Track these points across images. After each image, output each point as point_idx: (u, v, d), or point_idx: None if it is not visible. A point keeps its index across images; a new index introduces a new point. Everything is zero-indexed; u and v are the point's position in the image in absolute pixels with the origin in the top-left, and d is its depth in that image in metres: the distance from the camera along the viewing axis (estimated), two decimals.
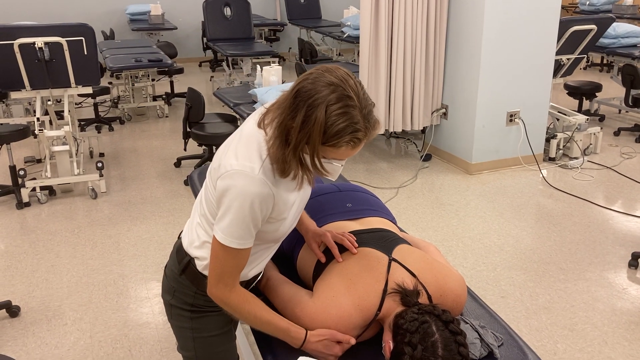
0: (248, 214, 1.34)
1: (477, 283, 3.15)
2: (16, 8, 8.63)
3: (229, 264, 1.42)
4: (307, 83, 1.28)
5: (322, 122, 1.24)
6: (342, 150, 1.29)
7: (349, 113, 1.25)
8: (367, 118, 1.28)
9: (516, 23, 4.47)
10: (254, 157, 1.35)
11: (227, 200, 1.35)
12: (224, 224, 1.37)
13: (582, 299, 3.00)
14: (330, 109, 1.24)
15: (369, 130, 1.29)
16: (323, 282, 1.60)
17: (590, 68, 9.01)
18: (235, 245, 1.39)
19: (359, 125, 1.26)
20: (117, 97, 6.98)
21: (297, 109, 1.27)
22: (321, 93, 1.25)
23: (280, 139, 1.31)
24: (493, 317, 1.70)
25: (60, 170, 4.32)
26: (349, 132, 1.26)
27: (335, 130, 1.25)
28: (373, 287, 1.52)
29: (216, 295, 1.46)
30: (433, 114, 4.93)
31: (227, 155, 1.38)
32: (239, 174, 1.33)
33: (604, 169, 4.83)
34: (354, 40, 7.22)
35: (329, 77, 1.27)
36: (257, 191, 1.33)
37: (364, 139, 1.29)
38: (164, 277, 1.64)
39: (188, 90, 4.50)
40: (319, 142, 1.26)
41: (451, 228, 3.80)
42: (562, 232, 3.74)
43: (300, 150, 1.30)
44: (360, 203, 1.92)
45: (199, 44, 9.54)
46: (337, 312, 1.50)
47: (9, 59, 4.07)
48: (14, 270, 3.33)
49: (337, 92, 1.25)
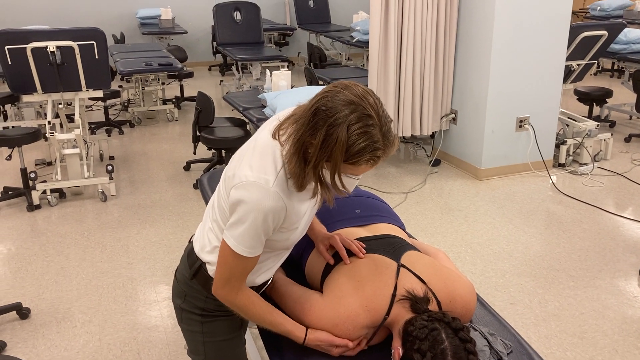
0: (260, 225, 1.36)
1: (485, 289, 3.14)
2: (28, 12, 8.71)
3: (238, 270, 1.43)
4: (326, 101, 1.27)
5: (344, 142, 1.24)
6: (362, 168, 1.30)
7: (370, 132, 1.25)
8: (387, 136, 1.29)
9: (526, 28, 4.47)
10: (269, 169, 1.35)
11: (241, 210, 1.35)
12: (237, 232, 1.38)
13: (592, 307, 2.98)
14: (351, 128, 1.24)
15: (387, 148, 1.30)
16: (331, 282, 1.61)
17: (601, 74, 8.97)
18: (246, 253, 1.40)
19: (379, 144, 1.27)
20: (128, 100, 7.02)
21: (316, 126, 1.27)
22: (342, 112, 1.24)
23: (298, 156, 1.32)
24: (502, 325, 1.69)
25: (71, 173, 4.35)
26: (370, 151, 1.26)
27: (357, 149, 1.25)
28: (382, 291, 1.53)
29: (222, 296, 1.48)
30: (442, 119, 4.93)
31: (242, 165, 1.38)
32: (253, 186, 1.33)
33: (615, 176, 4.80)
34: (363, 45, 7.23)
35: (349, 96, 1.26)
36: (272, 205, 1.33)
37: (383, 157, 1.30)
38: (174, 281, 1.65)
39: (198, 94, 4.52)
40: (341, 160, 1.26)
41: (460, 234, 3.79)
42: (572, 238, 3.72)
43: (321, 168, 1.31)
44: (369, 209, 1.92)
45: (209, 48, 9.58)
46: (345, 311, 1.51)
47: (21, 62, 4.11)
48: (24, 272, 3.35)
49: (357, 111, 1.25)
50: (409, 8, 4.46)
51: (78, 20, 8.89)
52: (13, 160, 5.24)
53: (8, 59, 4.08)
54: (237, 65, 7.11)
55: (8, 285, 3.21)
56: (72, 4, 8.89)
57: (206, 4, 9.47)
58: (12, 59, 4.09)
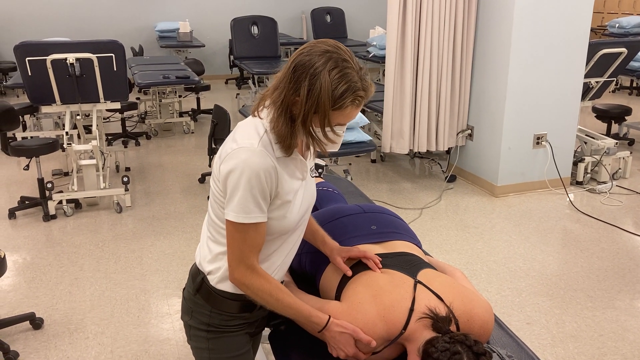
0: (255, 185, 1.37)
1: (501, 308, 3.09)
2: (49, 25, 8.86)
3: (247, 243, 1.43)
4: (302, 56, 1.35)
5: (329, 87, 1.31)
6: (348, 111, 1.36)
7: (349, 74, 1.33)
8: (364, 78, 1.37)
9: (545, 45, 4.44)
10: (252, 135, 1.40)
11: (233, 178, 1.38)
12: (234, 202, 1.39)
13: (611, 329, 2.91)
14: (331, 73, 1.32)
15: (367, 90, 1.37)
16: (349, 291, 1.59)
17: (620, 91, 8.89)
18: (248, 220, 1.40)
19: (358, 85, 1.35)
20: (145, 112, 7.08)
21: (298, 81, 1.34)
22: (320, 61, 1.32)
23: (285, 116, 1.37)
24: (520, 346, 1.66)
25: (87, 184, 4.37)
26: (352, 92, 1.34)
27: (340, 92, 1.32)
28: (399, 303, 1.50)
29: (238, 278, 1.46)
30: (458, 134, 4.90)
31: (226, 143, 1.44)
32: (240, 151, 1.37)
33: (634, 194, 4.73)
34: (380, 60, 7.23)
35: (323, 46, 1.35)
36: (261, 162, 1.37)
37: (365, 97, 1.37)
38: (182, 299, 1.64)
39: (214, 107, 4.54)
40: (329, 107, 1.33)
41: (476, 251, 3.75)
42: (590, 258, 3.65)
43: (309, 123, 1.35)
44: (385, 225, 1.89)
45: (226, 61, 9.66)
46: (363, 318, 1.49)
47: (41, 74, 4.16)
48: (38, 282, 3.36)
49: (333, 58, 1.33)
50: (426, 24, 4.45)
51: (97, 33, 9.02)
52: (30, 170, 5.29)
53: (28, 71, 4.13)
54: (254, 79, 7.15)
55: (22, 294, 3.23)
56: (92, 16, 9.02)
57: (224, 18, 9.57)
58: (32, 71, 4.14)
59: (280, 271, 1.58)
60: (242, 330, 1.59)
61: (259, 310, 1.59)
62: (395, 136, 4.71)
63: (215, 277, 1.52)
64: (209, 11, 9.58)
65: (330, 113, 1.34)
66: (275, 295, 1.47)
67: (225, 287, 1.52)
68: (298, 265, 1.91)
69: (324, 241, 1.75)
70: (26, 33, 8.71)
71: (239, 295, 1.52)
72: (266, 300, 1.47)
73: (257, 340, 1.80)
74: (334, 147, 1.44)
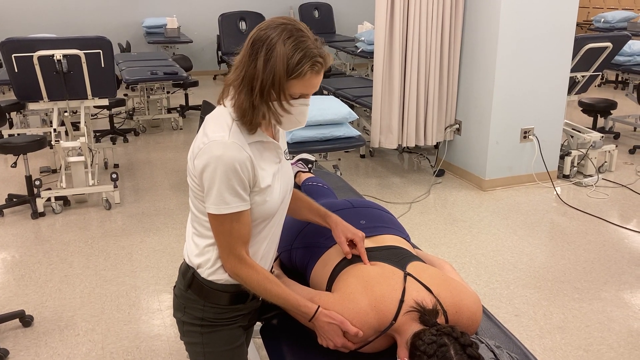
0: (233, 177, 1.39)
1: (490, 301, 3.13)
2: (36, 21, 8.78)
3: (232, 235, 1.45)
4: (259, 31, 1.38)
5: (283, 55, 1.34)
6: (307, 78, 1.37)
7: (304, 42, 1.36)
8: (319, 47, 1.39)
9: (531, 40, 4.47)
10: (222, 127, 1.42)
11: (208, 172, 1.39)
12: (212, 196, 1.41)
13: (598, 319, 2.96)
14: (287, 42, 1.35)
15: (324, 57, 1.39)
16: (340, 282, 1.61)
17: (605, 85, 8.97)
18: (229, 210, 1.42)
19: (315, 51, 1.37)
20: (133, 109, 7.04)
21: (256, 54, 1.37)
22: (275, 32, 1.36)
23: (246, 90, 1.39)
24: (508, 337, 1.68)
25: (75, 181, 4.35)
26: (310, 58, 1.36)
27: (297, 60, 1.34)
28: (390, 294, 1.52)
29: (229, 269, 1.50)
30: (446, 129, 4.93)
31: (197, 138, 1.45)
32: (211, 145, 1.39)
33: (619, 187, 4.79)
34: (368, 55, 7.25)
35: (279, 20, 1.39)
36: (234, 155, 1.38)
37: (324, 64, 1.38)
38: (174, 297, 1.65)
39: (203, 103, 4.53)
40: (285, 75, 1.35)
41: (464, 245, 3.78)
42: (577, 250, 3.70)
43: (267, 94, 1.37)
44: (374, 220, 1.91)
45: (214, 57, 9.62)
46: (355, 308, 1.51)
47: (28, 70, 4.13)
48: (27, 279, 3.35)
49: (287, 29, 1.36)
50: (414, 19, 4.47)
51: (85, 29, 8.95)
52: (18, 168, 5.26)
53: (15, 67, 4.10)
54: None
55: (11, 292, 3.21)
56: (79, 13, 8.95)
57: (212, 14, 9.52)
58: (19, 67, 4.11)
59: (266, 258, 1.59)
60: (235, 323, 1.60)
61: (251, 301, 1.60)
62: (384, 131, 4.74)
63: (205, 270, 1.53)
64: (196, 7, 9.54)
65: (290, 82, 1.36)
66: (264, 285, 1.49)
67: (216, 278, 1.53)
68: (288, 261, 1.92)
69: (326, 214, 1.75)
70: (12, 29, 8.62)
71: (231, 286, 1.54)
72: (255, 289, 1.50)
73: (249, 334, 1.81)
74: (298, 123, 1.45)
